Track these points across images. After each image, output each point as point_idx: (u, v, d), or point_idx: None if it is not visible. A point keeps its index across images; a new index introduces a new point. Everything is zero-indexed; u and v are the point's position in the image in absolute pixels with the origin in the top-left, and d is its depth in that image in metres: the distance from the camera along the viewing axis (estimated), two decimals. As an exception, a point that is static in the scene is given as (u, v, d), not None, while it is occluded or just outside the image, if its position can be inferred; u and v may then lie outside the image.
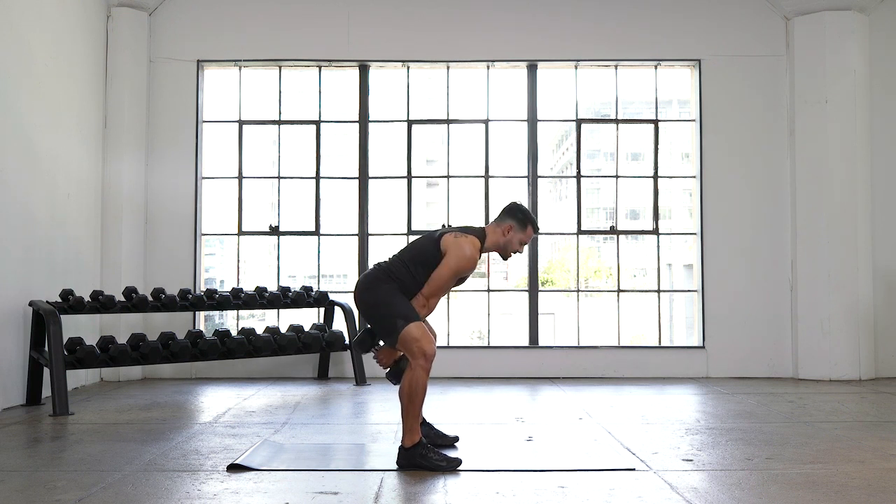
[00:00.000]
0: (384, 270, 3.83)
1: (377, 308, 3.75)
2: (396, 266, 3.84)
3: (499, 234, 3.92)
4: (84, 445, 4.18)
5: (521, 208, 3.98)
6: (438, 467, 3.61)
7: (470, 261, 3.78)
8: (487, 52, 7.32)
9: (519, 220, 3.93)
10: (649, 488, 3.32)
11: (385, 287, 3.77)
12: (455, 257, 3.75)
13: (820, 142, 6.95)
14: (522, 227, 3.93)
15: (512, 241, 3.92)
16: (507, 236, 3.91)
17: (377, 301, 3.76)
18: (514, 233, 3.92)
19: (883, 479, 3.41)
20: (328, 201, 7.54)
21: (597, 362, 7.10)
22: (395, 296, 3.75)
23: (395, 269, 3.82)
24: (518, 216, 3.94)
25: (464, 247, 3.76)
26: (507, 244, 3.93)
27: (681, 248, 12.46)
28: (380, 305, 3.74)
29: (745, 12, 7.27)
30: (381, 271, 3.84)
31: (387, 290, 3.76)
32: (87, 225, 6.65)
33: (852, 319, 6.84)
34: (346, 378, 6.92)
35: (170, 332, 5.86)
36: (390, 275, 3.80)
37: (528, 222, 3.94)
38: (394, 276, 3.80)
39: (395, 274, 3.80)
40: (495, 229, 3.93)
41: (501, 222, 3.94)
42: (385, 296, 3.75)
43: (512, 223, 3.92)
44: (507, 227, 3.91)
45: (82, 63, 6.59)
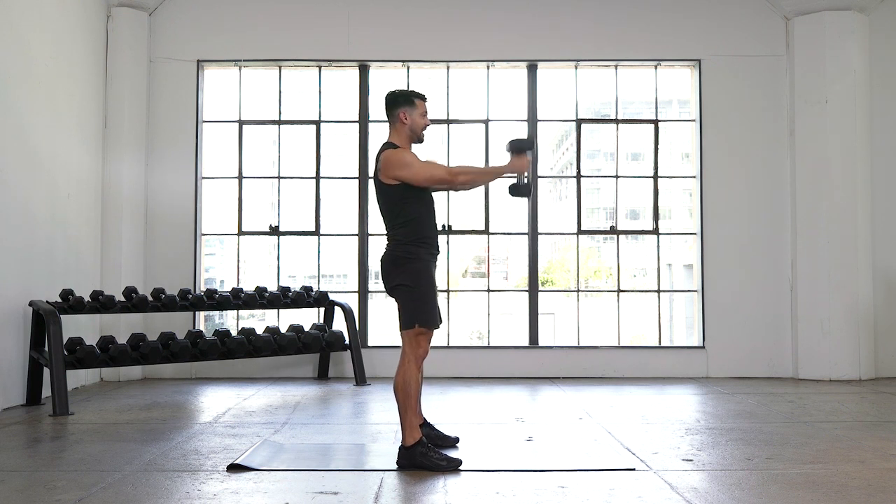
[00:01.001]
0: (389, 254, 3.83)
1: (404, 291, 3.76)
2: (391, 234, 3.84)
3: (402, 130, 3.90)
4: (84, 445, 4.18)
5: (393, 92, 3.97)
6: (439, 467, 3.61)
7: (409, 154, 3.80)
8: (487, 52, 7.32)
9: (402, 102, 3.91)
10: (649, 488, 3.32)
11: (409, 269, 3.75)
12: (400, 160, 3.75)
13: (820, 142, 6.95)
14: (410, 104, 3.90)
15: (414, 122, 3.90)
16: (408, 122, 3.89)
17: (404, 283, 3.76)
18: (410, 115, 3.89)
19: (883, 479, 3.41)
20: (328, 201, 7.54)
21: (597, 362, 7.10)
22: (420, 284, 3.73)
23: (393, 237, 3.83)
24: (399, 100, 3.92)
25: (392, 155, 3.76)
26: (413, 128, 3.90)
27: (681, 248, 12.45)
28: (406, 291, 3.75)
29: (745, 12, 7.27)
30: (394, 247, 3.82)
31: (412, 273, 3.74)
32: (87, 225, 6.65)
33: (852, 319, 6.84)
34: (346, 378, 6.92)
35: (170, 332, 5.86)
36: (398, 244, 3.79)
37: (410, 97, 3.92)
38: (401, 242, 3.78)
39: (400, 240, 3.79)
40: (396, 129, 3.91)
41: (394, 119, 3.91)
42: (413, 281, 3.74)
43: (402, 110, 3.89)
44: (401, 116, 3.89)
45: (82, 63, 6.59)
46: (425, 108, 3.96)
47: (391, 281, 3.81)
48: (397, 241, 3.81)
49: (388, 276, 3.83)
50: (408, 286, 3.75)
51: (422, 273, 3.77)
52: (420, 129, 3.93)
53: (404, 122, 3.89)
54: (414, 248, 3.78)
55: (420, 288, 3.75)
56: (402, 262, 3.77)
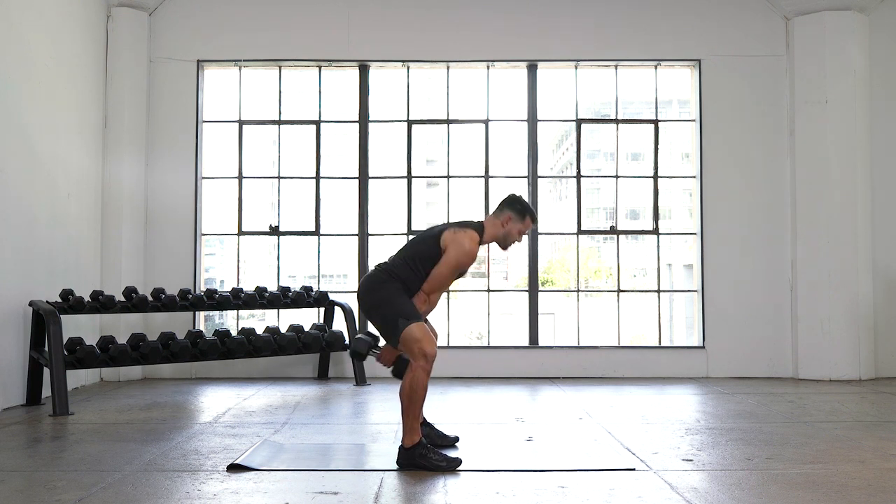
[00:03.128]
0: (385, 270, 3.84)
1: (379, 308, 3.76)
2: (398, 265, 3.85)
3: (497, 226, 3.95)
4: (84, 445, 4.18)
5: (520, 199, 4.01)
6: (438, 467, 3.61)
7: (469, 255, 3.81)
8: (487, 52, 7.32)
9: (517, 210, 3.95)
10: (649, 488, 3.32)
11: (387, 287, 3.78)
12: (455, 252, 3.78)
13: (820, 142, 6.95)
14: (521, 217, 3.95)
15: (511, 231, 3.95)
16: (506, 227, 3.94)
17: (380, 301, 3.77)
18: (513, 223, 3.94)
19: (883, 479, 3.41)
20: (328, 201, 7.54)
21: (597, 362, 7.10)
22: (398, 296, 3.76)
23: (397, 268, 3.84)
24: (516, 207, 3.96)
25: (463, 242, 3.78)
26: (506, 235, 3.96)
27: (681, 248, 12.47)
28: (382, 305, 3.75)
29: (745, 12, 7.27)
30: (382, 272, 3.85)
31: (389, 289, 3.77)
32: (87, 225, 6.65)
33: (852, 319, 6.84)
34: (346, 378, 6.92)
35: (170, 332, 5.86)
36: (392, 274, 3.81)
37: (526, 213, 3.97)
38: (395, 275, 3.81)
39: (396, 273, 3.81)
40: (494, 221, 3.96)
41: (500, 214, 3.97)
42: (387, 296, 3.76)
43: (510, 214, 3.94)
44: (505, 218, 3.94)
45: (82, 63, 6.59)
46: (528, 228, 4.01)
47: (365, 305, 3.82)
48: (392, 272, 3.82)
49: (366, 299, 3.82)
50: (378, 304, 3.76)
51: (385, 289, 3.78)
52: (510, 241, 3.99)
53: (504, 226, 3.94)
54: (399, 285, 3.80)
55: (391, 297, 3.75)
56: (383, 285, 3.79)
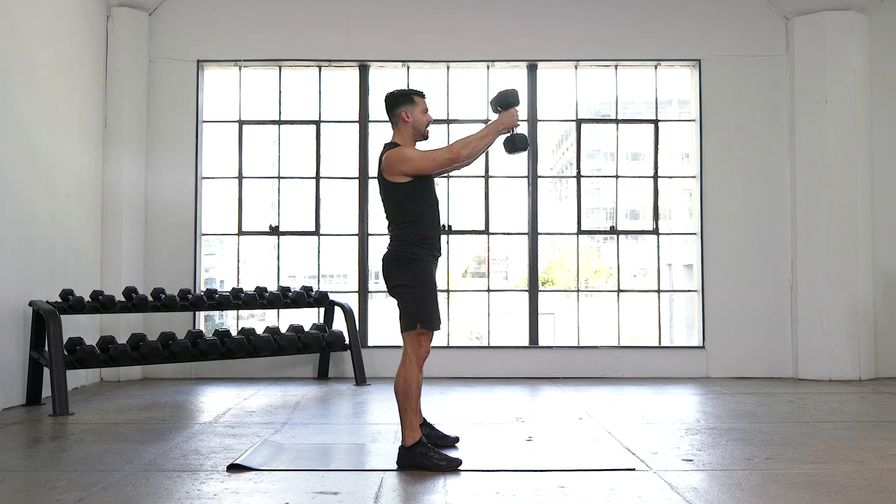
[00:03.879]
0: (397, 242, 3.81)
1: (405, 296, 3.76)
2: (394, 234, 3.83)
3: (405, 129, 3.91)
4: (84, 445, 4.18)
5: (393, 93, 3.97)
6: (439, 467, 3.61)
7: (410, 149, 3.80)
8: (487, 52, 7.31)
9: (402, 100, 3.91)
10: (649, 488, 3.32)
11: (412, 270, 3.74)
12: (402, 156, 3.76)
13: (820, 142, 6.95)
14: (410, 101, 3.91)
15: (416, 119, 3.91)
16: (410, 120, 3.90)
17: (406, 283, 3.75)
18: (411, 112, 3.90)
19: (883, 479, 3.41)
20: (328, 201, 7.54)
21: (597, 362, 7.10)
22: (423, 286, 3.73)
23: (396, 237, 3.82)
24: (399, 99, 3.92)
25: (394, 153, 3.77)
26: (416, 125, 3.91)
27: (681, 248, 12.45)
28: (408, 291, 3.74)
29: (745, 12, 7.27)
30: (397, 246, 3.81)
31: (413, 275, 3.74)
32: (87, 225, 6.65)
33: (852, 319, 6.84)
34: (346, 378, 6.92)
35: (170, 332, 5.86)
36: (403, 244, 3.78)
37: (411, 95, 3.94)
38: (400, 245, 3.78)
39: (400, 241, 3.79)
40: (398, 129, 3.92)
41: (396, 119, 3.91)
42: (414, 282, 3.73)
43: (403, 108, 3.90)
44: (402, 115, 3.90)
45: (82, 63, 6.59)
46: (426, 104, 3.97)
47: (392, 281, 3.81)
48: (400, 240, 3.81)
49: (389, 275, 3.83)
50: (409, 287, 3.75)
51: (423, 274, 3.76)
52: (423, 126, 3.93)
53: (406, 121, 3.90)
54: (416, 248, 3.78)
55: (421, 289, 3.74)
56: (404, 262, 3.77)
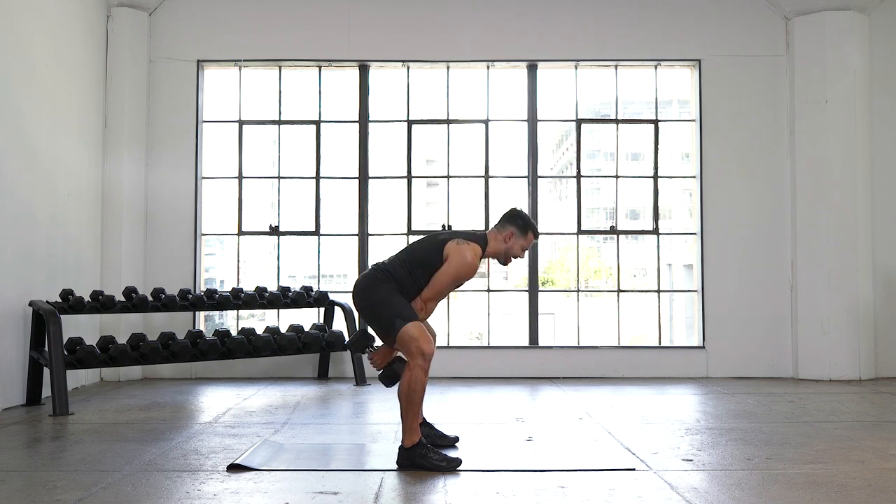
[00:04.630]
0: (383, 270, 3.85)
1: (375, 308, 3.76)
2: (396, 267, 3.85)
3: (500, 241, 3.97)
4: (84, 445, 4.18)
5: (522, 214, 4.02)
6: (438, 467, 3.61)
7: (471, 268, 3.83)
8: (487, 52, 7.31)
9: (520, 226, 3.97)
10: (649, 488, 3.32)
11: (384, 287, 3.78)
12: (457, 263, 3.79)
13: (820, 142, 6.95)
14: (523, 233, 3.97)
15: (513, 247, 3.97)
16: (509, 243, 3.96)
17: (376, 301, 3.77)
18: (516, 239, 3.96)
19: (883, 479, 3.41)
20: (328, 201, 7.54)
21: (597, 362, 7.10)
22: (393, 295, 3.77)
23: (394, 269, 3.84)
24: (518, 223, 3.98)
25: (466, 254, 3.80)
26: (507, 250, 3.98)
27: (681, 248, 12.47)
28: (378, 305, 3.76)
29: (745, 12, 7.27)
30: (379, 271, 3.85)
31: (386, 289, 3.78)
32: (87, 225, 6.65)
33: (852, 319, 6.84)
34: (346, 378, 6.92)
35: (170, 332, 5.86)
36: (389, 275, 3.82)
37: (528, 228, 3.99)
38: (392, 276, 3.81)
39: (393, 274, 3.82)
40: (496, 235, 3.98)
41: (502, 229, 3.98)
42: (384, 295, 3.76)
43: (513, 229, 3.96)
44: (508, 233, 3.96)
45: (82, 63, 6.59)
46: (530, 244, 4.03)
47: (364, 302, 3.81)
48: (389, 273, 3.82)
49: (362, 299, 3.82)
50: (377, 304, 3.76)
51: (381, 289, 3.78)
52: (511, 256, 4.00)
53: (506, 241, 3.96)
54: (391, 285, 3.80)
55: (386, 297, 3.74)
56: (378, 284, 3.79)
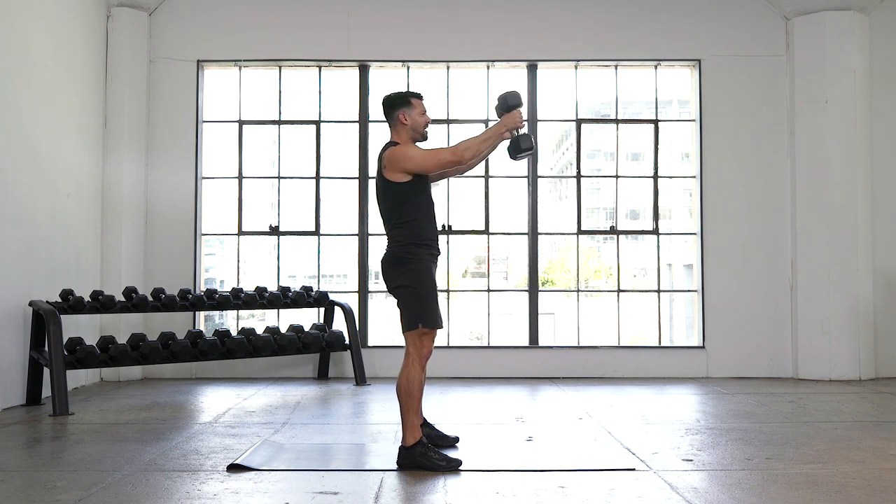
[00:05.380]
0: (395, 245, 3.82)
1: (405, 296, 3.76)
2: (391, 235, 3.84)
3: (403, 129, 3.91)
4: (84, 445, 4.18)
5: (390, 96, 3.98)
6: (438, 467, 3.61)
7: (412, 147, 3.81)
8: (487, 52, 7.31)
9: (400, 102, 3.93)
10: (649, 488, 3.32)
11: (411, 270, 3.74)
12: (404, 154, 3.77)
13: (820, 142, 6.95)
14: (408, 104, 3.92)
15: (415, 121, 3.91)
16: (408, 122, 3.91)
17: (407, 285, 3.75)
18: (409, 115, 3.91)
19: (883, 479, 3.41)
20: (328, 201, 7.54)
21: (597, 362, 7.10)
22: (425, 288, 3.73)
23: (394, 237, 3.82)
24: (396, 102, 3.93)
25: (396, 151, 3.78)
26: (414, 127, 3.92)
27: (681, 248, 12.45)
28: (407, 294, 3.75)
29: (745, 12, 7.27)
30: (388, 256, 3.83)
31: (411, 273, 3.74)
32: (87, 225, 6.65)
33: (852, 319, 6.84)
34: (346, 378, 6.92)
35: (170, 332, 5.86)
36: (400, 245, 3.79)
37: (408, 97, 3.94)
38: (400, 244, 3.79)
39: (398, 241, 3.79)
40: (397, 130, 3.92)
41: (394, 120, 3.93)
42: (416, 285, 3.73)
43: (400, 111, 3.91)
44: (401, 117, 3.90)
45: (82, 63, 6.59)
46: (423, 106, 3.97)
47: (392, 281, 3.81)
48: (397, 241, 3.81)
49: (388, 276, 3.83)
50: (409, 287, 3.75)
51: (423, 273, 3.76)
52: (422, 127, 3.94)
53: (404, 123, 3.90)
54: (415, 248, 3.78)
55: (421, 288, 3.74)
56: (403, 262, 3.77)
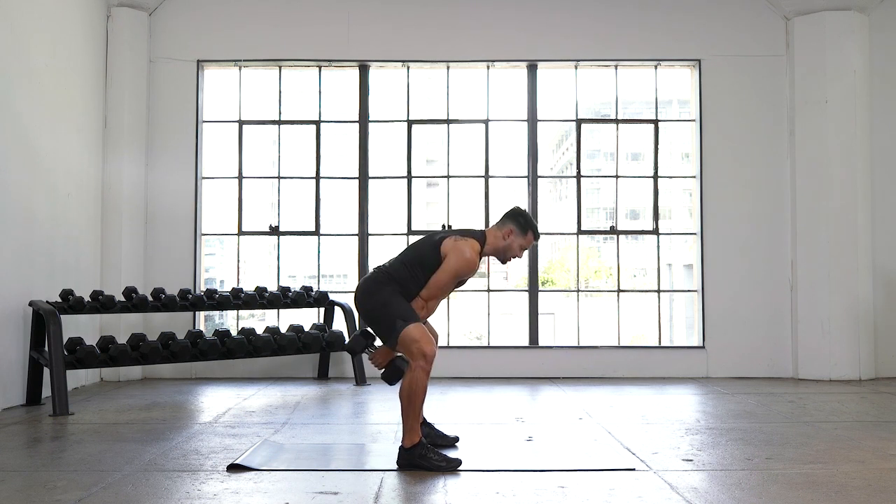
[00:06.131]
0: (384, 273, 3.84)
1: (377, 310, 3.75)
2: (396, 268, 3.84)
3: (499, 238, 3.93)
4: (84, 445, 4.18)
5: (524, 213, 3.99)
6: (438, 467, 3.61)
7: (470, 264, 3.79)
8: (487, 52, 7.31)
9: (520, 224, 3.93)
10: (649, 488, 3.32)
11: (385, 289, 3.77)
12: (455, 260, 3.76)
13: (820, 142, 6.95)
14: (523, 232, 3.93)
15: (512, 245, 3.93)
16: (508, 240, 3.92)
17: (377, 303, 3.76)
18: (515, 237, 3.92)
19: (883, 479, 3.41)
20: (328, 201, 7.54)
21: (597, 362, 7.10)
22: (394, 297, 3.75)
23: (395, 271, 3.83)
24: (520, 221, 3.94)
25: (464, 250, 3.76)
26: (506, 248, 3.93)
27: (681, 248, 12.47)
28: (379, 307, 3.75)
29: (745, 12, 7.27)
30: (380, 274, 3.85)
31: (387, 292, 3.77)
32: (87, 225, 6.65)
33: (852, 319, 6.84)
34: (346, 378, 6.92)
35: (170, 332, 5.86)
36: (390, 277, 3.81)
37: (528, 228, 3.95)
38: (393, 278, 3.81)
39: (394, 276, 3.81)
40: (496, 233, 3.94)
41: (503, 226, 3.95)
42: (385, 298, 3.75)
43: (513, 227, 3.92)
44: (507, 230, 3.92)
45: (82, 63, 6.59)
46: (529, 244, 3.98)
47: (365, 305, 3.79)
48: (390, 275, 3.81)
49: (363, 301, 3.81)
50: (372, 306, 3.76)
51: (383, 291, 3.77)
52: (510, 255, 3.96)
53: (504, 239, 3.92)
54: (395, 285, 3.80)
55: (379, 298, 3.74)
56: (379, 287, 3.78)
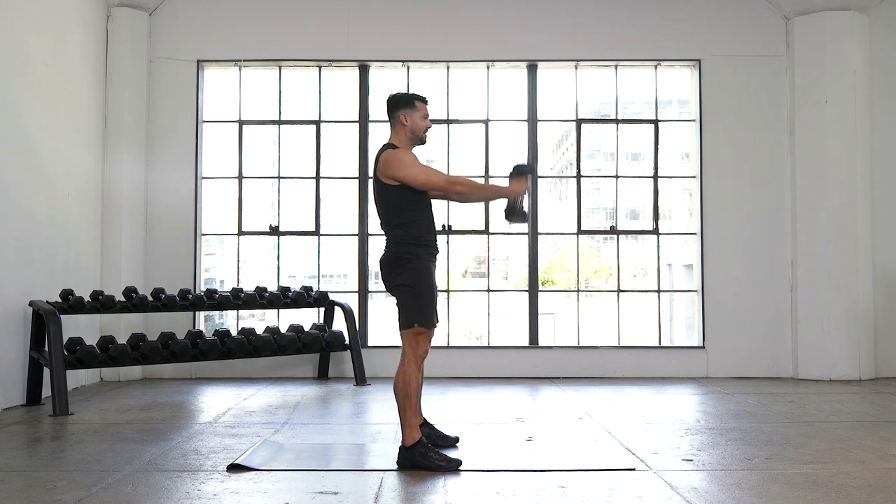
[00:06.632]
0: (393, 244, 3.82)
1: (403, 294, 3.77)
2: (389, 235, 3.85)
3: (403, 132, 3.91)
4: (84, 445, 4.18)
5: (394, 95, 3.98)
6: (438, 467, 3.61)
7: (405, 153, 3.80)
8: (487, 52, 7.31)
9: (402, 104, 3.92)
10: (649, 488, 3.32)
11: (409, 269, 3.75)
12: (397, 163, 3.75)
13: (820, 142, 6.95)
14: (411, 106, 3.92)
15: (416, 123, 3.91)
16: (409, 124, 3.90)
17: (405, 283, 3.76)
18: (411, 117, 3.90)
19: (883, 479, 3.41)
20: (328, 201, 7.54)
21: (597, 362, 7.10)
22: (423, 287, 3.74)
23: (392, 238, 3.83)
24: (400, 102, 3.93)
25: (392, 153, 3.78)
26: (414, 130, 3.91)
27: (681, 248, 12.46)
28: (406, 292, 3.75)
29: (745, 12, 7.27)
30: (393, 247, 3.83)
31: (413, 275, 3.75)
32: (87, 225, 6.65)
33: (852, 319, 6.84)
34: (346, 378, 6.92)
35: (170, 332, 5.86)
36: (399, 246, 3.79)
37: (411, 99, 3.94)
38: (397, 246, 3.79)
39: (396, 242, 3.80)
40: (398, 131, 3.92)
41: (395, 121, 3.92)
42: (414, 284, 3.74)
43: (402, 112, 3.90)
44: (401, 118, 3.90)
45: (82, 63, 6.59)
46: (426, 110, 3.97)
47: (391, 281, 3.82)
48: (395, 242, 3.82)
49: (387, 276, 3.84)
50: (408, 286, 3.76)
51: (422, 273, 3.77)
52: (421, 132, 3.94)
53: (405, 125, 3.90)
54: (413, 248, 3.79)
55: (419, 287, 3.75)
56: (401, 262, 3.78)
